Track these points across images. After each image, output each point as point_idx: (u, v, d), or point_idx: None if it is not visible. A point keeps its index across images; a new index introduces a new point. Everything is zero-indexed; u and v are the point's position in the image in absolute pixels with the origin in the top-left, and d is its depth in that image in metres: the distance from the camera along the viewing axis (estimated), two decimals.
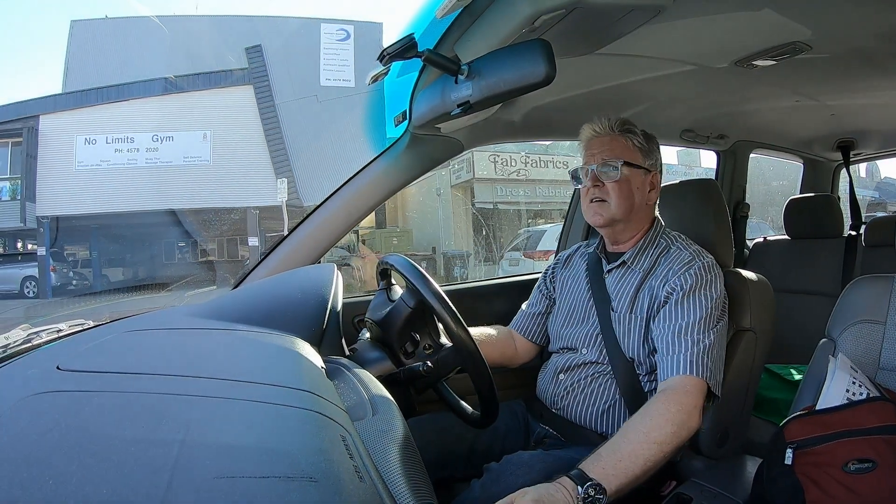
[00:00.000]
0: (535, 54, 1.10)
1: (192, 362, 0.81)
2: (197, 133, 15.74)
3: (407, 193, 15.23)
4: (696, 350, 1.34)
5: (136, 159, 15.63)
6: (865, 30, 1.59)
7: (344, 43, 16.97)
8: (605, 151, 1.51)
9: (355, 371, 0.95)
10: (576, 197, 2.52)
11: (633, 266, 1.54)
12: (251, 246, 15.12)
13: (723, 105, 2.34)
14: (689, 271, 1.43)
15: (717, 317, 1.40)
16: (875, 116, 2.64)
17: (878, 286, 1.34)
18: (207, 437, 0.58)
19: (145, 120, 15.53)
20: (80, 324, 1.26)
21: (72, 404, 0.64)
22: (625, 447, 1.20)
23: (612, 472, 1.15)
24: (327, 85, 16.60)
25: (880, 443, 1.08)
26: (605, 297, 1.56)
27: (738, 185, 3.07)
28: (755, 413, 1.80)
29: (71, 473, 0.48)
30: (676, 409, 1.26)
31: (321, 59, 16.82)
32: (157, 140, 15.73)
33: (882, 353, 1.29)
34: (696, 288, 1.41)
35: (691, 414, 1.27)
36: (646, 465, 1.18)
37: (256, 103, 16.14)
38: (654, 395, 1.34)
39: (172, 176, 15.19)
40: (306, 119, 16.02)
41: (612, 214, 1.51)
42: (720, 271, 1.47)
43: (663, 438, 1.21)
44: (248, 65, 16.35)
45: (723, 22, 1.51)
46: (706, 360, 1.33)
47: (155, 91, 15.71)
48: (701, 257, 1.46)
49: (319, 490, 0.52)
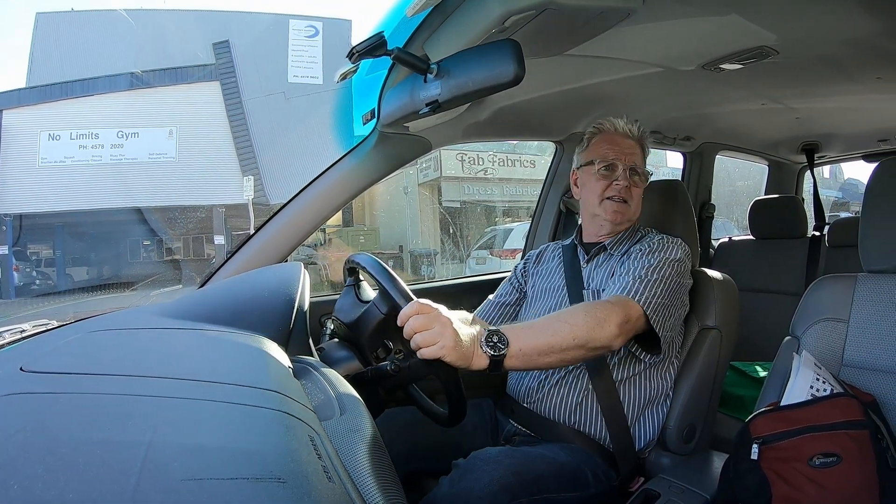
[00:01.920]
0: (505, 54, 1.11)
1: (158, 363, 0.80)
2: (163, 130, 15.37)
3: (374, 192, 15.11)
4: (638, 282, 1.40)
5: (101, 156, 15.19)
6: (831, 36, 1.62)
7: (312, 40, 16.76)
8: (635, 156, 1.59)
9: (323, 370, 0.94)
10: (543, 195, 2.52)
11: (612, 252, 1.60)
12: (217, 244, 14.73)
13: (690, 107, 2.37)
14: (653, 239, 1.53)
15: (669, 271, 1.45)
16: (839, 120, 2.71)
17: (841, 285, 1.37)
18: (174, 439, 0.57)
19: (111, 116, 15.14)
20: (44, 324, 1.24)
21: (36, 406, 0.63)
22: (542, 321, 1.32)
23: (521, 335, 1.22)
24: (295, 82, 16.38)
25: (844, 437, 1.10)
26: (579, 286, 1.59)
27: (704, 186, 3.12)
28: (721, 409, 1.83)
29: (37, 476, 0.47)
30: (600, 310, 1.31)
31: (289, 55, 16.59)
32: (122, 136, 15.31)
33: (845, 351, 1.31)
34: (657, 250, 1.49)
35: (610, 320, 1.29)
36: (552, 340, 1.24)
37: (223, 100, 15.83)
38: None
39: (138, 173, 14.82)
40: (273, 116, 15.77)
41: (630, 216, 1.59)
42: (687, 249, 1.54)
43: (577, 325, 1.26)
44: (216, 60, 16.00)
45: (691, 25, 1.54)
46: (644, 290, 1.39)
47: (121, 86, 15.29)
48: (674, 239, 1.55)
49: (288, 491, 0.51)
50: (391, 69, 1.46)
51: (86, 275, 16.54)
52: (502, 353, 1.18)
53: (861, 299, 1.33)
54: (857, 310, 1.32)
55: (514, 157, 15.97)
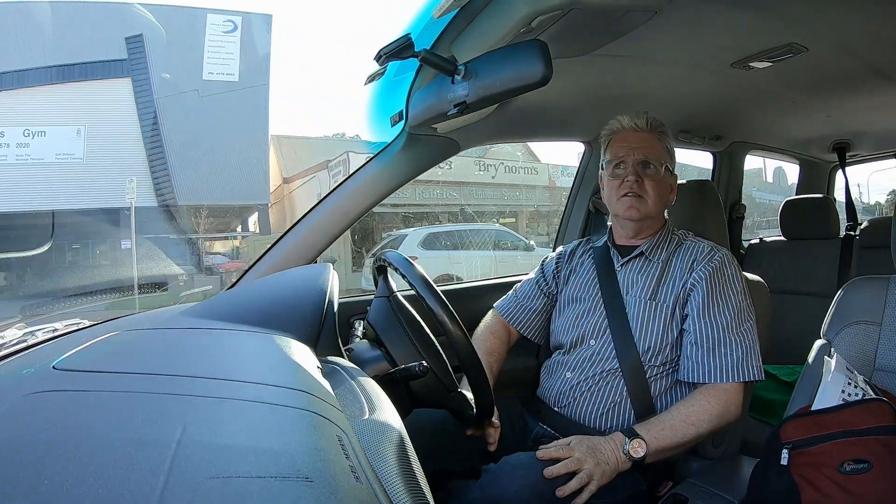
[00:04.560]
0: (532, 55, 1.10)
1: (188, 362, 0.81)
2: (71, 128, 14.59)
3: (295, 197, 14.92)
4: (741, 350, 1.41)
5: (7, 155, 14.38)
6: (861, 32, 1.59)
7: (230, 35, 15.94)
8: (645, 149, 1.56)
9: (351, 371, 0.94)
10: (573, 196, 2.52)
11: (651, 257, 1.57)
12: (124, 248, 13.69)
13: (719, 106, 2.34)
14: (713, 259, 1.50)
15: (749, 305, 1.47)
16: (870, 118, 2.65)
17: (874, 287, 1.35)
18: (203, 438, 0.57)
19: (16, 113, 14.35)
20: (76, 323, 1.26)
21: (67, 404, 0.63)
22: (668, 422, 1.36)
23: (655, 437, 1.33)
24: (210, 79, 15.64)
25: (876, 443, 1.08)
26: (615, 290, 1.57)
27: (734, 186, 3.09)
28: (751, 413, 1.81)
29: (67, 474, 0.48)
30: (717, 404, 1.38)
31: (205, 51, 15.78)
32: (28, 135, 14.47)
33: (878, 354, 1.29)
34: (726, 279, 1.48)
35: (729, 408, 1.38)
36: (682, 442, 1.35)
37: (134, 97, 15.03)
38: (702, 387, 1.42)
39: (43, 174, 14.09)
40: (186, 115, 14.98)
41: (648, 212, 1.56)
42: (734, 258, 1.53)
43: (701, 425, 1.36)
44: (128, 55, 15.09)
45: (719, 23, 1.52)
46: (752, 359, 1.42)
47: (28, 82, 14.45)
48: (719, 248, 1.54)
49: (315, 490, 0.51)
50: (419, 71, 1.46)
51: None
52: (643, 458, 1.31)
53: (894, 302, 1.30)
54: (890, 312, 1.30)
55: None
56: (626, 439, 1.32)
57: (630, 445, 1.31)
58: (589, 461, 1.28)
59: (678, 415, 1.38)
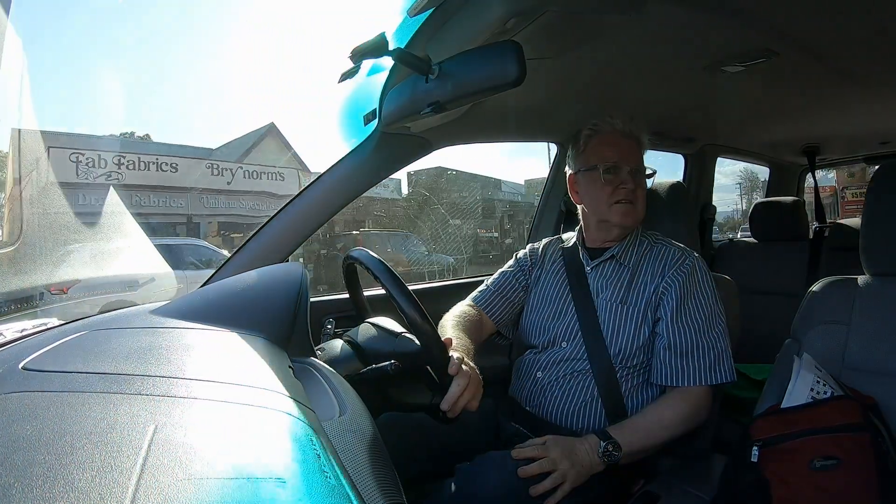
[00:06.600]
0: (507, 55, 1.10)
1: (158, 362, 0.80)
2: None
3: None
4: (714, 354, 1.44)
5: None
6: (833, 38, 1.62)
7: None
8: (636, 156, 1.58)
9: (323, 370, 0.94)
10: (545, 196, 2.53)
11: (622, 261, 1.57)
12: None
13: (691, 108, 2.37)
14: (684, 265, 1.51)
15: (720, 308, 1.49)
16: (840, 122, 2.70)
17: (842, 288, 1.37)
18: (175, 438, 0.57)
19: None
20: (44, 323, 1.23)
21: (37, 405, 0.62)
22: (641, 424, 1.40)
23: (629, 440, 1.35)
24: None
25: (845, 440, 1.10)
26: (585, 292, 1.58)
27: (705, 188, 3.13)
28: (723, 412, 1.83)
29: (36, 476, 0.47)
30: (688, 407, 1.42)
31: None
32: None
33: (846, 353, 1.31)
34: (697, 283, 1.49)
35: (699, 411, 1.43)
36: (655, 444, 1.39)
37: None
38: (672, 390, 1.46)
39: None
40: None
41: (638, 218, 1.58)
42: (703, 261, 1.55)
43: (673, 428, 1.40)
44: None
45: (692, 27, 1.53)
46: (724, 362, 1.45)
47: None
48: (689, 252, 1.55)
49: (287, 491, 0.51)
50: (393, 70, 1.45)
51: None
52: (617, 460, 1.33)
53: (862, 302, 1.32)
54: (858, 312, 1.32)
55: (150, 158, 13.86)
56: (601, 442, 1.33)
57: (604, 448, 1.32)
58: (564, 462, 1.29)
59: (651, 417, 1.41)
